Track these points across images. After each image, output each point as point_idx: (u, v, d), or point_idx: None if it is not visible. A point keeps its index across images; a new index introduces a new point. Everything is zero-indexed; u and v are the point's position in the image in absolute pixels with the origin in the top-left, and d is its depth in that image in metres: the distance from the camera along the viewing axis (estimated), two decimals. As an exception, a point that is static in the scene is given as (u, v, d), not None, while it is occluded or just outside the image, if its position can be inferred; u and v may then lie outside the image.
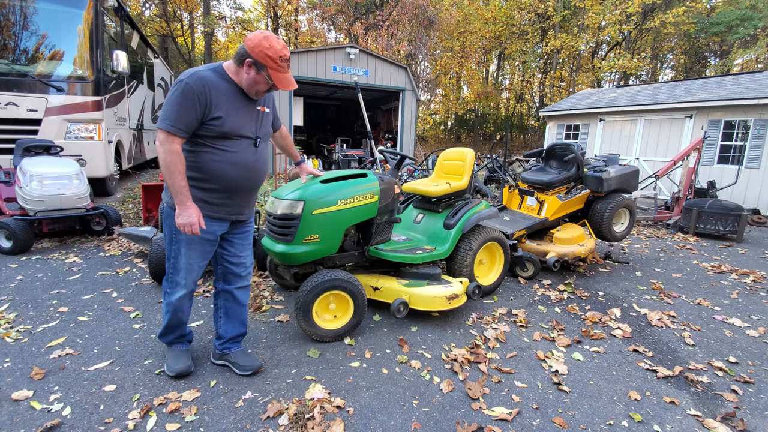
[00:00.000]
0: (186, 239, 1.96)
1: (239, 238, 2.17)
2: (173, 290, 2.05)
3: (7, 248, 4.01)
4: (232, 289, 2.21)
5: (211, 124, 1.84)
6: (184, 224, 1.83)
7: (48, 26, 5.79)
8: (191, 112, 1.78)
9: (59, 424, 1.77)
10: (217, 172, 1.90)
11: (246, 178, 1.99)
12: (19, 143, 4.58)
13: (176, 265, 2.01)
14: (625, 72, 23.29)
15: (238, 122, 1.90)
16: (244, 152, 1.95)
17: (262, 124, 2.04)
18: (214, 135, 1.86)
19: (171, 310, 2.07)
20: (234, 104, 1.89)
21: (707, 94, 9.21)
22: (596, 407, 2.06)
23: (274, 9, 28.09)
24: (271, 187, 8.53)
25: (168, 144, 1.77)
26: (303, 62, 12.68)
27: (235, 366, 2.22)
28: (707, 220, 6.03)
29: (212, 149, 1.88)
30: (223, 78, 1.88)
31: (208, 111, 1.81)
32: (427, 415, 1.94)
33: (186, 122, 1.78)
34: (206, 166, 1.89)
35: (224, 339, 2.25)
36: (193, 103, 1.77)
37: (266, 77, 1.87)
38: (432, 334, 2.75)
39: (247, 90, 1.92)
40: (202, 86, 1.78)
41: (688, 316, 3.22)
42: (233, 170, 1.93)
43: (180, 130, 1.78)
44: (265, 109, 2.08)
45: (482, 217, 3.31)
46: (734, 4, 20.67)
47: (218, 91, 1.83)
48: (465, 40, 24.18)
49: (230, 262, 2.17)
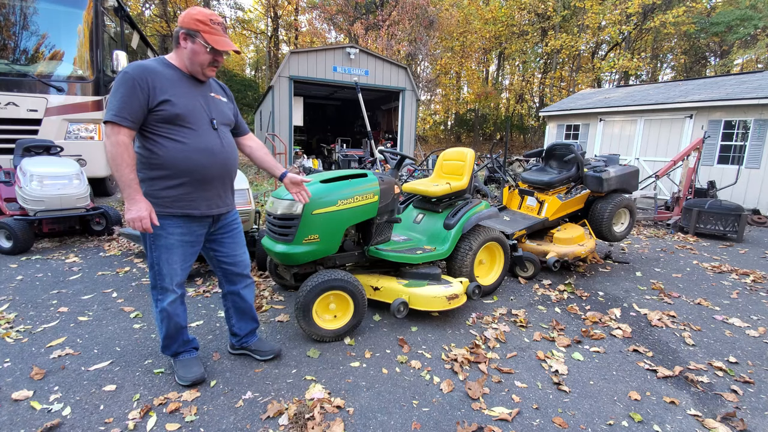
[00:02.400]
0: (165, 244, 1.90)
1: (228, 237, 2.12)
2: (163, 296, 1.97)
3: (7, 248, 4.01)
4: (238, 289, 2.21)
5: (161, 109, 1.77)
6: (133, 219, 1.74)
7: (48, 26, 5.79)
8: (133, 99, 1.71)
9: (59, 424, 1.77)
10: (185, 162, 1.83)
11: (215, 164, 1.91)
12: (19, 143, 4.58)
13: (160, 272, 1.93)
14: (625, 72, 23.31)
15: (188, 104, 1.84)
16: (206, 136, 1.89)
17: (217, 109, 1.97)
18: (169, 122, 1.80)
19: (165, 317, 2.00)
20: (180, 88, 1.84)
21: (707, 94, 9.21)
22: (596, 407, 2.06)
23: (274, 9, 28.09)
24: (271, 187, 8.53)
25: (114, 136, 1.70)
26: (303, 62, 12.68)
27: (256, 353, 2.32)
28: (707, 220, 6.03)
29: (173, 141, 1.82)
30: (165, 65, 1.85)
31: (152, 96, 1.75)
32: (427, 415, 1.94)
33: (130, 111, 1.71)
34: (172, 159, 1.82)
35: (240, 336, 2.32)
36: (133, 89, 1.71)
37: (202, 43, 1.81)
38: (432, 334, 2.75)
39: (192, 68, 1.87)
40: (141, 72, 1.74)
41: (688, 316, 3.22)
42: (201, 156, 1.86)
43: (125, 119, 1.71)
44: (220, 97, 2.02)
45: (482, 217, 3.31)
46: (734, 4, 20.68)
47: (161, 76, 1.79)
48: (465, 40, 24.19)
49: (226, 262, 2.14)
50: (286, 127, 12.96)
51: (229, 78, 27.90)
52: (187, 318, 2.11)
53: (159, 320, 2.03)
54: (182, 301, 2.05)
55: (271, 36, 29.46)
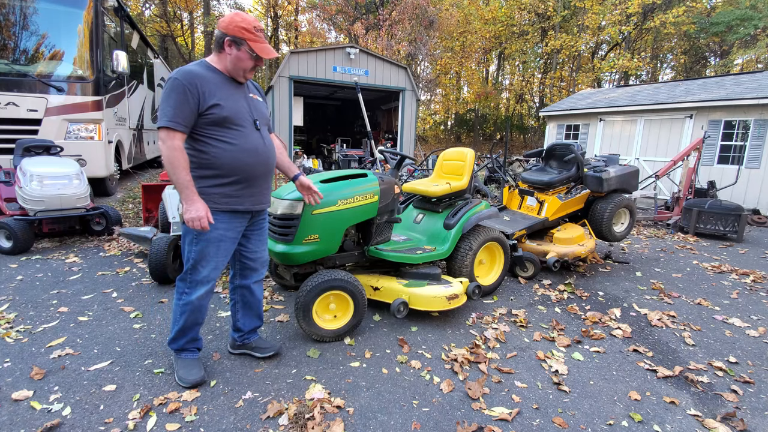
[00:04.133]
0: (209, 238, 1.95)
1: (256, 233, 2.19)
2: (192, 289, 2.01)
3: (7, 248, 4.01)
4: (249, 283, 2.24)
5: (211, 113, 1.85)
6: (192, 219, 1.82)
7: (48, 26, 5.79)
8: (185, 104, 1.79)
9: (59, 424, 1.77)
10: (234, 162, 1.92)
11: (260, 163, 2.01)
12: (19, 143, 4.58)
13: (196, 266, 1.98)
14: (625, 72, 23.31)
15: (235, 106, 1.92)
16: (251, 137, 1.97)
17: (257, 109, 2.06)
18: (218, 124, 1.88)
19: (189, 310, 2.02)
20: (226, 91, 1.91)
21: (707, 94, 9.21)
22: (596, 407, 2.06)
23: (274, 9, 28.09)
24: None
25: (170, 141, 1.78)
26: (303, 62, 12.68)
27: (256, 350, 2.34)
28: (707, 220, 6.03)
29: (222, 142, 1.90)
30: (209, 69, 1.91)
31: (203, 101, 1.83)
32: (427, 415, 1.94)
33: (183, 116, 1.79)
34: (221, 159, 1.90)
35: (243, 332, 2.33)
36: (185, 95, 1.78)
37: (248, 51, 1.88)
38: (432, 334, 2.75)
39: (234, 72, 1.94)
40: (191, 78, 1.80)
41: (688, 316, 3.22)
42: (248, 156, 1.95)
43: (179, 124, 1.79)
44: (257, 97, 2.10)
45: (482, 217, 3.31)
46: (734, 4, 20.68)
47: (207, 81, 1.85)
48: (465, 40, 24.18)
49: (248, 257, 2.20)
50: (286, 127, 12.96)
51: (229, 78, 27.84)
52: (206, 317, 2.14)
53: (179, 313, 2.04)
54: (210, 298, 2.09)
55: (271, 36, 29.46)
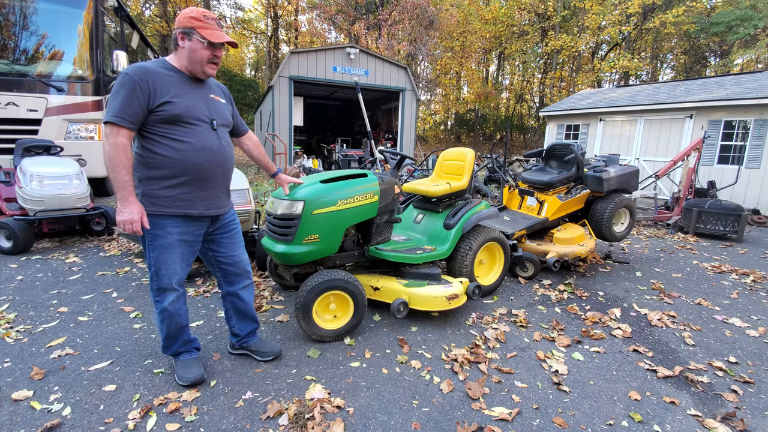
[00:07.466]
0: (164, 244, 1.90)
1: (226, 237, 2.13)
2: (162, 297, 1.97)
3: (7, 248, 4.01)
4: (237, 290, 2.21)
5: (161, 110, 1.79)
6: (124, 221, 1.74)
7: (48, 26, 5.79)
8: (133, 100, 1.73)
9: (59, 424, 1.77)
10: (185, 161, 1.85)
11: (214, 163, 1.93)
12: (19, 143, 4.58)
13: (158, 273, 1.93)
14: (626, 72, 23.31)
15: (189, 104, 1.86)
16: (205, 136, 1.90)
17: (217, 110, 1.99)
18: (170, 122, 1.81)
19: (167, 317, 2.00)
20: (181, 89, 1.86)
21: (707, 94, 9.21)
22: (596, 407, 2.06)
23: (274, 9, 28.10)
24: (271, 187, 8.53)
25: (113, 137, 1.71)
26: (303, 62, 12.68)
27: (256, 353, 2.33)
28: (707, 220, 6.03)
29: (173, 140, 1.83)
30: (166, 67, 1.87)
31: (153, 97, 1.77)
32: (427, 415, 1.94)
33: (130, 112, 1.73)
34: (171, 158, 1.83)
35: (240, 336, 2.33)
36: (134, 90, 1.73)
37: (199, 39, 1.84)
38: (432, 334, 2.75)
39: (192, 66, 1.89)
40: (142, 74, 1.76)
41: (688, 316, 3.22)
42: (200, 156, 1.88)
43: (125, 120, 1.72)
44: (219, 98, 2.05)
45: (482, 217, 3.31)
46: (734, 4, 20.67)
47: (161, 78, 1.81)
48: (465, 40, 24.18)
49: (224, 262, 2.15)
50: (286, 127, 12.96)
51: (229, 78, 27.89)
52: (188, 317, 2.12)
53: (159, 321, 2.03)
54: (183, 300, 2.05)
55: (271, 36, 29.47)
